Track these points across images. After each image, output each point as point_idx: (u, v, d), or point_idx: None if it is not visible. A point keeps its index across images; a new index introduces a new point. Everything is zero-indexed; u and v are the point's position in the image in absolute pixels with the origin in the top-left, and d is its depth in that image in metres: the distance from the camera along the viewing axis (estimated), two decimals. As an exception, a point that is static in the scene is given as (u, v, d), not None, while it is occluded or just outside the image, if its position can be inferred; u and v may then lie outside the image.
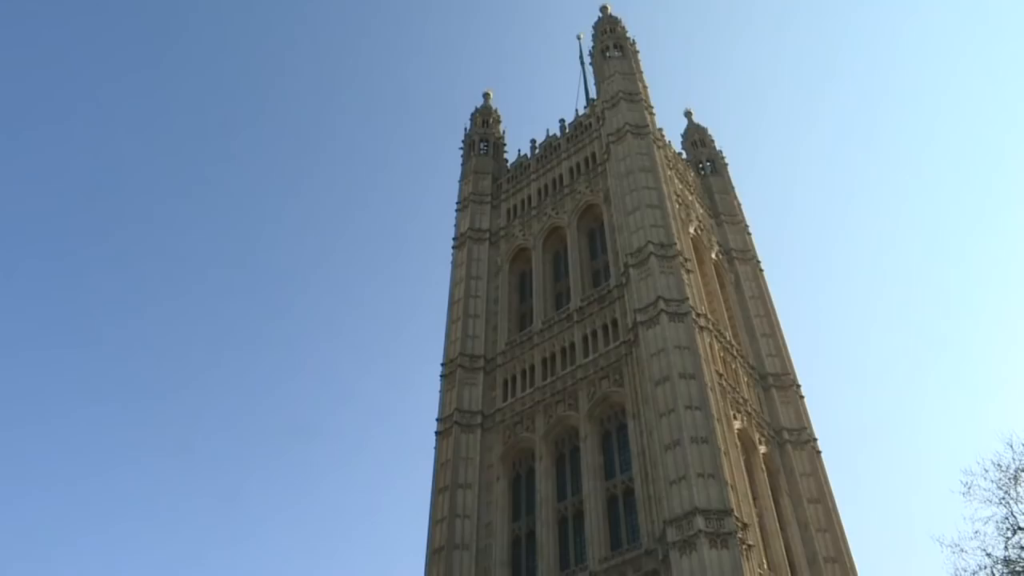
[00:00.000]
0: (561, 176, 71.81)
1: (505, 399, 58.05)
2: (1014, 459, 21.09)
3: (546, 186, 72.38)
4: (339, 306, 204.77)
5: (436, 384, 60.90)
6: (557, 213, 68.67)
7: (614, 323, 55.46)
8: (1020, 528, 20.62)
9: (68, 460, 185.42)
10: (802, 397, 59.11)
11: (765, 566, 44.81)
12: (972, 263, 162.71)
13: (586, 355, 55.50)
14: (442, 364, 61.76)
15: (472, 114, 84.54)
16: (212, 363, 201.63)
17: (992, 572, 20.83)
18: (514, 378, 58.83)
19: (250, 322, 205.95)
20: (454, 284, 68.06)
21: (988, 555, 20.95)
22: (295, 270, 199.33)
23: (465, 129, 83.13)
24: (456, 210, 75.10)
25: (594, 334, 56.27)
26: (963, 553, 21.41)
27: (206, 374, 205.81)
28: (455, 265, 69.72)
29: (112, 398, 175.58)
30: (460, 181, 78.03)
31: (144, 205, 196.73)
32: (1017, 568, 20.40)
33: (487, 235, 71.03)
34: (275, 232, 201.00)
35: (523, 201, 72.80)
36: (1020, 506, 20.68)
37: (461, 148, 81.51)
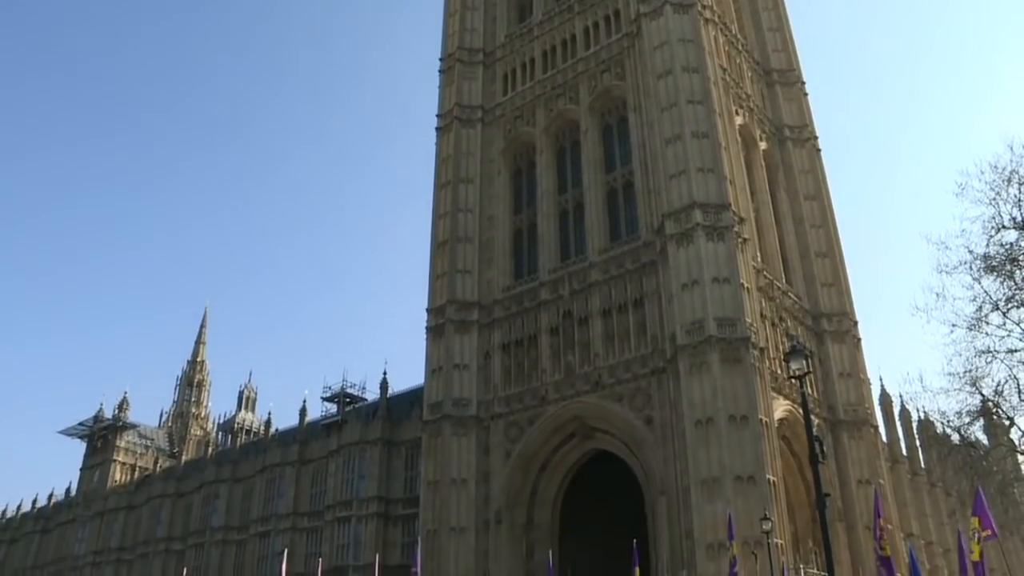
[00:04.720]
0: None
1: (505, 93, 57.63)
2: (1011, 161, 21.25)
3: None
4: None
5: (436, 81, 60.17)
6: None
7: (616, 14, 53.85)
8: (1004, 227, 21.23)
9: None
10: (806, 94, 58.67)
11: (759, 259, 46.45)
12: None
13: (587, 48, 54.40)
14: (440, 59, 60.64)
15: None
16: (200, 83, 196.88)
17: (971, 267, 21.77)
18: (514, 72, 58.02)
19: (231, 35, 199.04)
20: (451, -26, 65.15)
21: (970, 252, 21.80)
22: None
23: None
24: None
25: (596, 26, 54.80)
26: (947, 250, 22.20)
27: (200, 90, 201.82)
28: (451, -48, 66.28)
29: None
30: None
31: None
32: (994, 264, 21.28)
33: (483, -80, 66.95)
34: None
35: None
36: (1007, 206, 21.16)
37: None
